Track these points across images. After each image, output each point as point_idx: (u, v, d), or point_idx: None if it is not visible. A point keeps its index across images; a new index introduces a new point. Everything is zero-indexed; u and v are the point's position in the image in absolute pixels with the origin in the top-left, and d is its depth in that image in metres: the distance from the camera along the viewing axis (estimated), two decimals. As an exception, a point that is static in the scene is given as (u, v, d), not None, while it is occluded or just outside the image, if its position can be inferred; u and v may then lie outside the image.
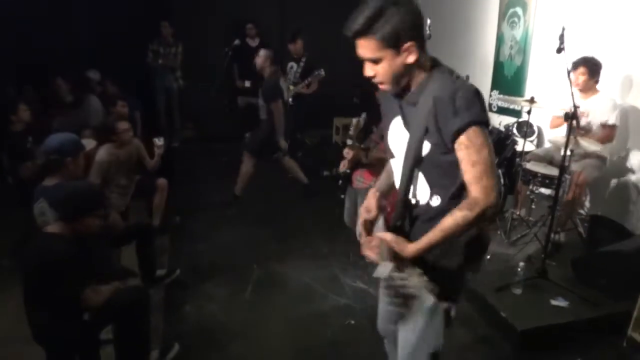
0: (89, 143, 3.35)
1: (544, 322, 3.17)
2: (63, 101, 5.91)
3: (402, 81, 1.63)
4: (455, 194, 1.65)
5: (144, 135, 4.52)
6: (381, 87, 1.68)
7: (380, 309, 2.21)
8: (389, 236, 1.68)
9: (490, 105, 6.07)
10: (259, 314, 3.46)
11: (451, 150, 1.57)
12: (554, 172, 3.87)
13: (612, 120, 4.02)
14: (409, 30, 1.53)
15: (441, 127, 1.54)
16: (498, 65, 5.96)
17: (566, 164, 3.50)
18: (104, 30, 6.82)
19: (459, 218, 1.54)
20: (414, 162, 1.65)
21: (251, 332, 3.25)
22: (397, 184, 1.78)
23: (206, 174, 6.00)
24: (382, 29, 1.52)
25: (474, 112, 1.51)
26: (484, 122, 1.54)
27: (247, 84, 6.85)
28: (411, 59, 1.56)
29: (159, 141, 4.39)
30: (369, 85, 1.75)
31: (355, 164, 3.52)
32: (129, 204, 4.27)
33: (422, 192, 1.72)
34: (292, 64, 6.17)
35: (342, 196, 5.88)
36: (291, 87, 5.95)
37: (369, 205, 1.87)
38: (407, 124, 1.70)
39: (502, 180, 4.36)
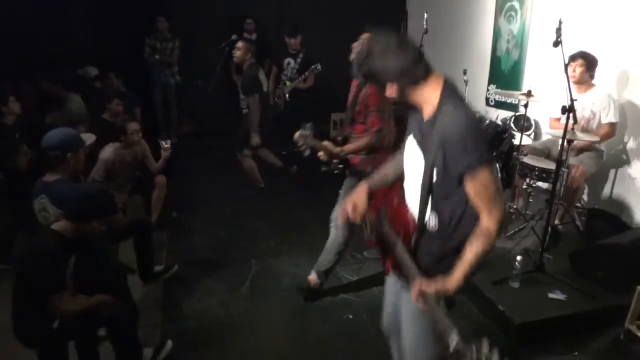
0: (88, 138, 3.32)
1: (542, 315, 3.19)
2: (58, 97, 5.87)
3: (409, 104, 1.78)
4: (454, 219, 1.79)
5: (143, 134, 4.49)
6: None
7: (386, 307, 2.28)
8: (433, 286, 1.72)
9: (487, 99, 6.07)
10: (257, 309, 3.46)
11: (457, 182, 1.70)
12: (551, 165, 3.87)
13: (612, 118, 4.02)
14: (390, 70, 1.71)
15: (449, 162, 1.68)
16: (495, 60, 5.95)
17: (563, 157, 3.50)
18: (101, 25, 6.79)
19: (479, 250, 1.72)
20: (429, 188, 1.77)
21: (250, 327, 3.25)
22: (410, 205, 1.90)
23: (203, 169, 5.99)
24: (369, 68, 1.74)
25: (483, 152, 1.66)
26: (490, 159, 1.70)
27: (245, 79, 6.83)
28: (395, 94, 1.74)
29: (165, 144, 4.37)
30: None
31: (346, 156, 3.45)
32: (127, 199, 4.27)
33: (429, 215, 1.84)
34: (289, 59, 6.15)
35: (341, 191, 5.90)
36: (288, 83, 5.93)
37: (358, 199, 1.96)
38: (423, 148, 1.79)
39: (499, 175, 4.36)
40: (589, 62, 4.04)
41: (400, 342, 2.16)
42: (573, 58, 4.05)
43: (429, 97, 1.73)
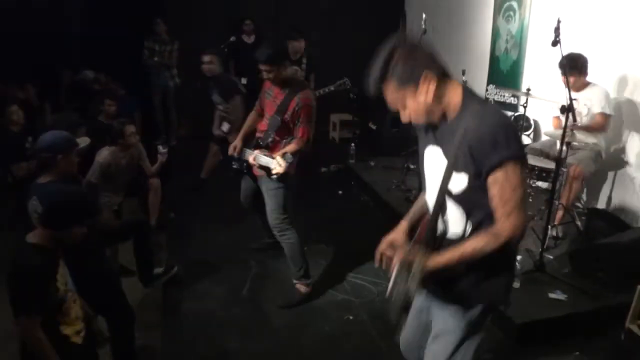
0: (83, 141, 3.32)
1: (542, 315, 3.18)
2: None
3: (434, 112, 1.66)
4: (482, 224, 1.68)
5: (142, 136, 4.49)
6: (416, 122, 1.72)
7: (407, 332, 2.14)
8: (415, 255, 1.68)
9: (486, 99, 6.07)
10: (257, 310, 3.46)
11: (483, 182, 1.60)
12: (550, 165, 3.87)
13: (605, 109, 4.00)
14: (419, 64, 1.59)
15: (478, 159, 1.57)
16: (494, 60, 5.96)
17: (562, 156, 3.50)
18: (99, 28, 6.79)
19: (479, 247, 1.62)
20: (447, 191, 1.68)
21: (249, 328, 3.25)
22: (430, 211, 1.80)
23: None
24: (395, 71, 1.59)
25: (514, 148, 1.56)
26: (522, 158, 1.61)
27: (244, 81, 6.82)
28: (432, 87, 1.60)
29: (162, 148, 4.36)
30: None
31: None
32: (123, 201, 4.26)
33: (454, 221, 1.74)
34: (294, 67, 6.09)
35: (340, 192, 5.90)
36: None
37: (395, 239, 1.88)
38: (445, 153, 1.69)
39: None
40: (580, 69, 3.99)
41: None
42: (563, 69, 3.86)
43: (453, 95, 1.65)
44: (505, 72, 5.77)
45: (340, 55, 7.15)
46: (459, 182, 1.64)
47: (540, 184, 4.54)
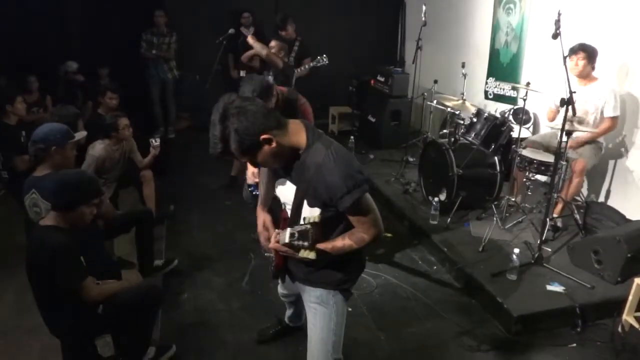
0: (80, 134, 3.31)
1: (540, 307, 3.20)
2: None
3: (284, 156, 1.80)
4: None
5: (138, 130, 4.48)
6: (271, 168, 1.91)
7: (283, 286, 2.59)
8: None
9: (486, 92, 6.07)
10: (256, 302, 3.47)
11: (336, 212, 1.81)
12: (550, 158, 3.88)
13: (613, 112, 4.00)
14: (254, 129, 1.67)
15: (329, 203, 1.78)
16: (494, 53, 5.94)
17: (562, 150, 3.51)
18: (96, 20, 6.76)
19: (347, 246, 1.87)
20: (299, 208, 1.87)
21: (248, 321, 3.26)
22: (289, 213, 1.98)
23: (201, 164, 5.98)
24: (233, 143, 1.68)
25: (359, 187, 1.74)
26: (366, 186, 1.78)
27: (242, 73, 6.80)
28: (273, 144, 1.72)
29: (155, 142, 4.34)
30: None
31: None
32: (119, 193, 4.26)
33: None
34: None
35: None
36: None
37: (265, 222, 2.09)
38: (297, 185, 1.87)
39: (497, 168, 4.37)
40: (589, 55, 4.02)
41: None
42: (573, 51, 4.01)
43: (298, 138, 1.79)
44: (505, 66, 5.76)
45: (341, 48, 7.13)
46: (312, 213, 1.81)
47: (539, 177, 4.56)
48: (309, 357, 2.14)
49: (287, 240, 1.74)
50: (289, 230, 1.74)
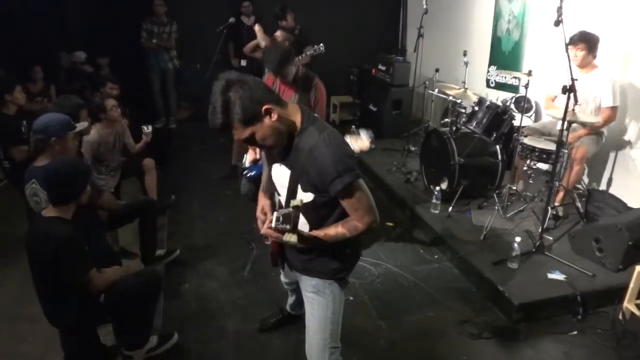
0: (82, 125, 3.29)
1: (541, 296, 3.21)
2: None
3: (282, 136, 1.78)
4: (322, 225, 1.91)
5: (139, 120, 4.47)
6: (267, 147, 1.84)
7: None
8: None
9: (488, 80, 6.04)
10: (258, 291, 3.48)
11: (328, 199, 1.81)
12: (551, 146, 3.86)
13: (612, 102, 3.97)
14: (256, 99, 1.67)
15: (321, 186, 1.77)
16: (496, 41, 5.90)
17: (564, 138, 3.50)
18: (96, 9, 6.73)
19: (340, 234, 1.87)
20: (294, 192, 1.86)
21: (250, 310, 3.27)
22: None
23: (203, 153, 5.99)
24: (236, 114, 1.65)
25: (351, 172, 1.75)
26: (357, 173, 1.78)
27: (243, 62, 6.77)
28: (275, 116, 1.71)
29: (147, 129, 4.35)
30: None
31: None
32: (121, 184, 4.27)
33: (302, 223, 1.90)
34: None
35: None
36: None
37: (263, 207, 2.10)
38: (291, 169, 1.87)
39: (499, 156, 4.36)
40: (590, 45, 3.98)
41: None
42: (573, 42, 3.97)
43: (294, 119, 1.80)
44: (507, 54, 5.72)
45: (342, 38, 7.09)
46: (306, 197, 1.81)
47: (540, 165, 4.55)
48: (307, 346, 2.14)
49: (273, 224, 1.74)
50: (275, 213, 1.75)
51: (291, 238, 1.74)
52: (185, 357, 2.89)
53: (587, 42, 3.96)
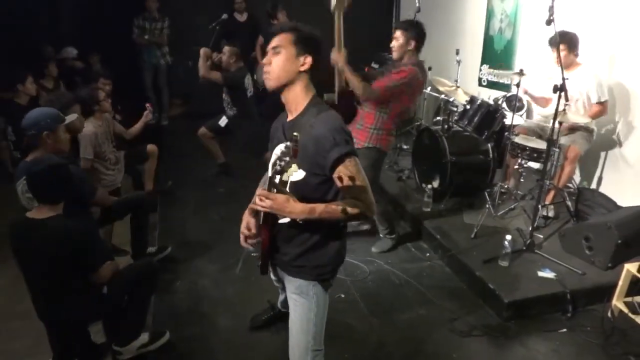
0: (71, 117, 3.26)
1: (531, 293, 3.23)
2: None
3: (284, 83, 1.86)
4: None
5: (131, 117, 4.47)
6: (265, 78, 1.87)
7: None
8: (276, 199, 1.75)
9: (480, 79, 6.06)
10: (250, 289, 3.47)
11: (326, 176, 1.82)
12: (542, 145, 3.88)
13: (601, 97, 4.00)
14: (318, 44, 1.88)
15: (317, 157, 1.78)
16: (488, 39, 5.92)
17: (555, 137, 3.52)
18: (88, 6, 6.68)
19: (340, 210, 1.78)
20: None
21: (242, 307, 3.27)
22: None
23: (195, 150, 5.95)
24: (302, 32, 1.87)
25: (349, 145, 1.79)
26: (356, 154, 1.82)
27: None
28: (306, 65, 1.85)
29: (150, 108, 4.48)
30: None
31: None
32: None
33: None
34: None
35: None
36: None
37: (248, 224, 2.05)
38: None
39: (490, 155, 4.38)
40: (570, 43, 3.98)
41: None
42: (553, 43, 3.95)
43: (304, 93, 1.89)
44: (499, 52, 5.75)
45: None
46: (297, 175, 1.75)
47: (531, 164, 4.57)
48: (290, 348, 2.12)
49: (273, 159, 1.63)
50: (278, 146, 1.63)
51: (293, 171, 1.63)
52: (177, 355, 2.88)
53: (566, 42, 3.94)
